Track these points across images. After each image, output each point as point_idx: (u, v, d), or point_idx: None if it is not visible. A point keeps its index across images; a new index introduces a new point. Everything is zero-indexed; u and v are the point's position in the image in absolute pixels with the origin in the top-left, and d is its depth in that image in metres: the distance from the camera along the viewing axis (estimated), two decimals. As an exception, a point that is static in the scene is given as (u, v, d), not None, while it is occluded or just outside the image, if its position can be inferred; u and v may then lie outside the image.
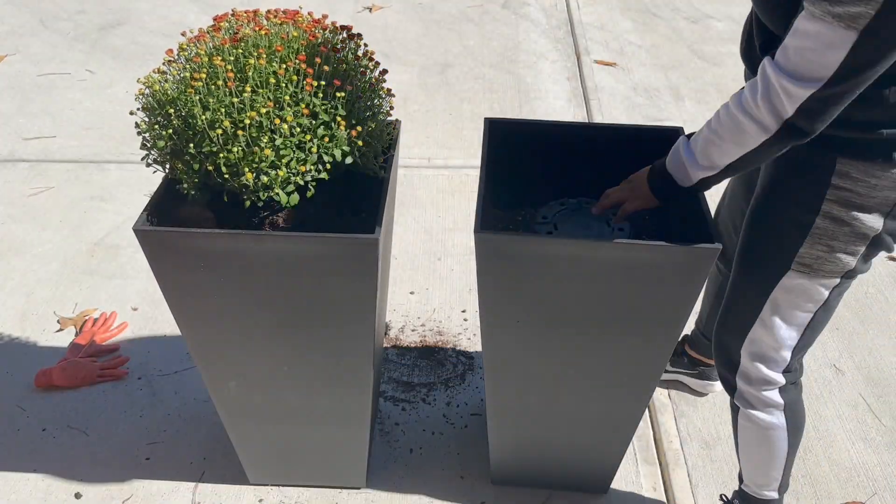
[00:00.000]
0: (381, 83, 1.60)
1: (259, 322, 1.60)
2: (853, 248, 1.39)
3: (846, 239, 1.38)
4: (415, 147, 3.42)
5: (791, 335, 1.51)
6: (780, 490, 1.76)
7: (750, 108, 1.24)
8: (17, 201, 3.05)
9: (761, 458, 1.69)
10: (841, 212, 1.36)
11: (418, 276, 2.72)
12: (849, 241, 1.38)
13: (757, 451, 1.69)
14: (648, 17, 4.60)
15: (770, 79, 1.20)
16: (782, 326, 1.49)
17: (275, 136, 1.41)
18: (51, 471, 2.06)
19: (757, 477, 1.75)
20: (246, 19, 1.58)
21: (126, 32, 4.35)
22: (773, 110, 1.21)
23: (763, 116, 1.22)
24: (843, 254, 1.39)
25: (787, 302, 1.47)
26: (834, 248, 1.39)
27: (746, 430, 1.66)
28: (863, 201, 1.34)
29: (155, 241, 1.47)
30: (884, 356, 2.43)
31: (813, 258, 1.41)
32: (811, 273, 1.42)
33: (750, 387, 1.59)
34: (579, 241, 1.44)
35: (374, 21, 4.54)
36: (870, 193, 1.33)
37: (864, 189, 1.33)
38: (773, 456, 1.67)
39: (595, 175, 1.76)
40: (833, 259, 1.40)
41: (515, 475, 1.99)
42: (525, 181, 1.79)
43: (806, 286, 1.44)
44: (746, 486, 1.79)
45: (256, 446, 1.91)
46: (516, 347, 1.63)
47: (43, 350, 2.40)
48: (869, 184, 1.32)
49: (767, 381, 1.57)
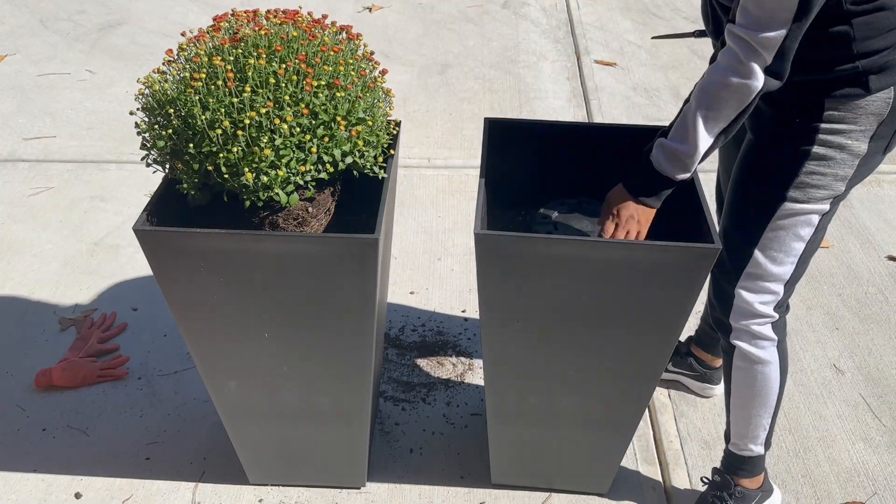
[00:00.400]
0: (381, 83, 1.60)
1: (259, 322, 1.60)
2: (843, 173, 1.52)
3: (836, 165, 1.51)
4: (415, 147, 3.42)
5: (785, 267, 1.60)
6: (765, 444, 1.82)
7: (734, 67, 1.35)
8: (17, 201, 3.06)
9: (753, 400, 1.75)
10: (832, 142, 1.49)
11: (418, 276, 2.72)
12: (838, 166, 1.51)
13: (749, 393, 1.75)
14: (648, 17, 4.60)
15: (743, 38, 1.32)
16: (777, 258, 1.59)
17: (275, 136, 1.41)
18: (51, 471, 2.06)
19: (746, 427, 1.79)
20: (246, 19, 1.58)
21: (126, 32, 4.36)
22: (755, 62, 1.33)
23: (748, 70, 1.33)
24: (833, 179, 1.52)
25: (782, 232, 1.57)
26: (826, 175, 1.51)
27: (740, 372, 1.73)
28: (850, 128, 1.48)
29: (155, 241, 1.47)
30: (884, 356, 2.43)
31: (807, 186, 1.52)
32: (805, 201, 1.54)
33: (745, 322, 1.67)
34: (579, 241, 1.44)
35: (374, 21, 4.54)
36: (856, 121, 1.47)
37: (851, 118, 1.47)
38: (765, 396, 1.74)
39: (595, 175, 1.76)
40: (825, 184, 1.52)
41: (515, 475, 1.99)
42: (525, 181, 1.79)
43: (800, 214, 1.55)
44: (733, 444, 1.83)
45: (256, 446, 1.91)
46: (516, 347, 1.63)
47: (43, 350, 2.41)
48: (855, 113, 1.47)
49: (761, 314, 1.65)
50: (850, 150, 1.50)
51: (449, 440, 2.15)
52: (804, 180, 1.52)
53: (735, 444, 1.83)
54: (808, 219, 1.56)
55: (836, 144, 1.49)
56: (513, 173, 1.78)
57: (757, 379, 1.72)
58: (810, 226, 1.56)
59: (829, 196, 1.54)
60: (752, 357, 1.69)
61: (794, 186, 1.53)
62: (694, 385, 2.27)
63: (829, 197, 1.54)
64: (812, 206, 1.54)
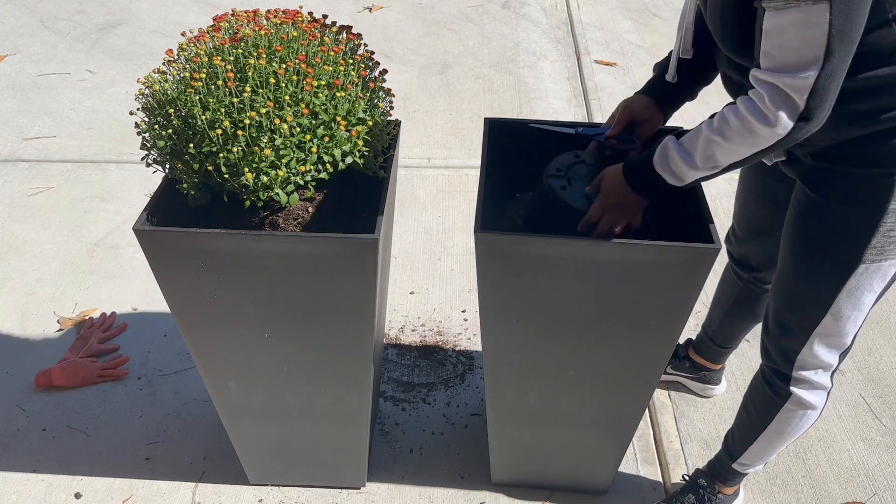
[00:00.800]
0: (381, 83, 1.60)
1: (259, 322, 1.60)
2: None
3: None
4: (415, 147, 3.42)
5: (857, 322, 1.53)
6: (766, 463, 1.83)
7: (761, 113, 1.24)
8: (17, 201, 3.06)
9: (785, 436, 1.71)
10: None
11: (418, 276, 2.72)
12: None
13: (784, 430, 1.70)
14: (648, 17, 4.60)
15: (771, 83, 1.22)
16: (853, 314, 1.51)
17: (275, 136, 1.41)
18: (51, 471, 2.06)
19: (763, 455, 1.78)
20: (246, 19, 1.58)
21: (126, 32, 4.36)
22: (786, 110, 1.22)
23: (779, 119, 1.23)
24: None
25: (858, 291, 1.48)
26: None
27: (788, 413, 1.66)
28: None
29: (155, 241, 1.47)
30: (884, 356, 2.43)
31: (884, 245, 1.42)
32: (883, 259, 1.44)
33: (809, 373, 1.60)
34: (579, 241, 1.44)
35: (374, 21, 4.54)
36: None
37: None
38: (794, 435, 1.71)
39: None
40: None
41: (515, 475, 1.99)
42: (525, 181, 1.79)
43: (877, 272, 1.46)
44: (740, 464, 1.82)
45: (256, 446, 1.91)
46: (516, 347, 1.63)
47: (43, 350, 2.41)
48: None
49: (825, 365, 1.59)
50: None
51: (449, 440, 2.15)
52: (881, 241, 1.42)
53: (742, 464, 1.82)
54: (884, 273, 1.46)
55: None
56: (513, 173, 1.78)
57: (800, 421, 1.68)
58: (885, 279, 1.48)
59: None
60: (806, 403, 1.64)
61: (870, 248, 1.42)
62: (694, 386, 2.27)
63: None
64: (888, 261, 1.45)
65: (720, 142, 1.31)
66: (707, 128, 1.33)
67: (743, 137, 1.28)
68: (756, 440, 1.75)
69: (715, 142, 1.32)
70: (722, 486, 1.88)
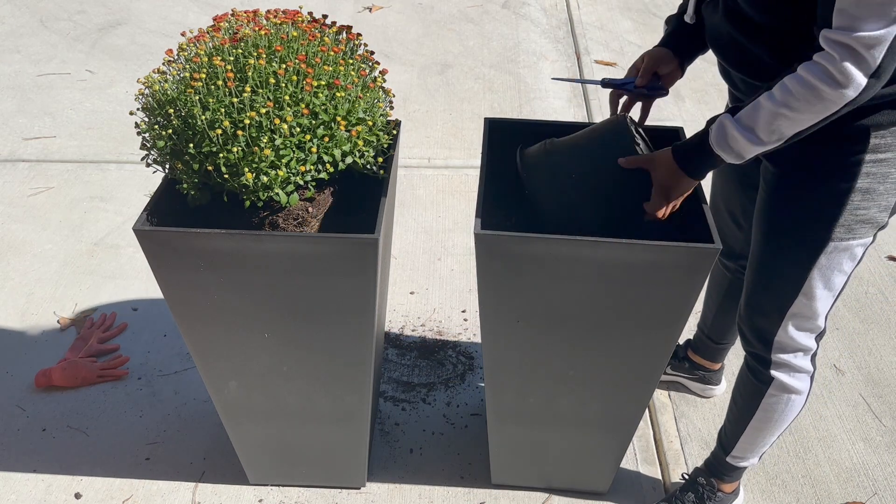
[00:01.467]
0: (381, 83, 1.60)
1: (259, 322, 1.60)
2: (885, 204, 1.43)
3: (880, 197, 1.42)
4: (415, 147, 3.42)
5: (828, 301, 1.55)
6: (760, 456, 1.83)
7: (831, 76, 1.22)
8: (17, 201, 3.05)
9: (772, 424, 1.72)
10: (876, 175, 1.39)
11: (418, 276, 2.72)
12: (881, 198, 1.42)
13: (771, 418, 1.71)
14: (648, 17, 4.60)
15: (844, 43, 1.19)
16: (824, 294, 1.53)
17: (275, 136, 1.41)
18: (51, 471, 2.06)
19: (754, 446, 1.79)
20: (246, 19, 1.58)
21: (126, 32, 4.35)
22: (859, 69, 1.20)
23: (851, 80, 1.21)
24: (878, 211, 1.44)
25: (829, 270, 1.49)
26: (870, 208, 1.43)
27: (772, 399, 1.68)
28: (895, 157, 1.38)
29: (155, 241, 1.47)
30: (884, 356, 2.43)
31: (851, 223, 1.44)
32: (851, 237, 1.46)
33: (787, 356, 1.62)
34: (579, 241, 1.44)
35: (374, 21, 4.54)
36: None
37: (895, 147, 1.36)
38: (784, 421, 1.72)
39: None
40: (869, 218, 1.44)
41: (515, 475, 1.99)
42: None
43: (845, 251, 1.47)
44: (733, 457, 1.82)
45: (256, 446, 1.91)
46: (516, 347, 1.63)
47: (43, 350, 2.40)
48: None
49: (804, 348, 1.61)
50: (893, 180, 1.41)
51: (449, 440, 2.15)
52: (848, 218, 1.44)
53: (735, 457, 1.82)
54: (853, 253, 1.48)
55: (880, 175, 1.40)
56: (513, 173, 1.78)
57: (785, 407, 1.69)
58: (854, 259, 1.50)
59: (874, 228, 1.47)
60: (789, 388, 1.65)
61: (838, 226, 1.45)
62: (694, 386, 2.27)
63: (874, 229, 1.47)
64: (857, 241, 1.47)
65: (786, 113, 1.27)
66: (768, 100, 1.29)
67: (811, 104, 1.25)
68: (745, 430, 1.77)
69: (780, 114, 1.28)
70: (720, 483, 1.88)
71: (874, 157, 1.38)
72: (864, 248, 1.49)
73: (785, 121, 1.28)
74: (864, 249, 1.50)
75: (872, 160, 1.38)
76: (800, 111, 1.26)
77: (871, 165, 1.39)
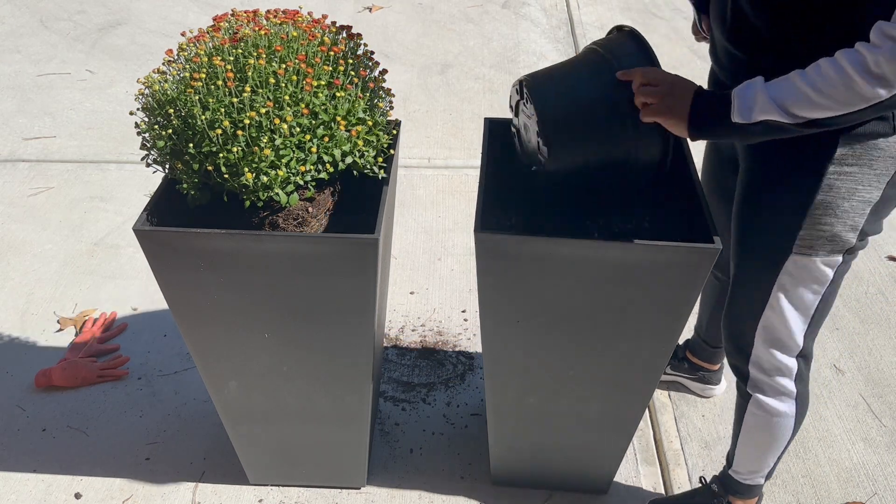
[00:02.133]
0: (381, 83, 1.60)
1: (259, 322, 1.60)
2: (852, 223, 1.37)
3: (845, 215, 1.35)
4: (415, 147, 3.42)
5: (802, 318, 1.49)
6: (767, 476, 1.78)
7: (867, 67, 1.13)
8: (17, 201, 3.05)
9: (764, 445, 1.69)
10: (840, 190, 1.33)
11: (418, 276, 2.72)
12: (847, 216, 1.35)
13: (760, 439, 1.68)
14: (648, 17, 4.60)
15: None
16: (792, 310, 1.48)
17: (275, 136, 1.41)
18: (51, 471, 2.06)
19: (751, 464, 1.75)
20: (246, 19, 1.58)
21: (126, 32, 4.35)
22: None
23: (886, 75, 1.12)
24: (843, 230, 1.37)
25: (794, 285, 1.45)
26: (834, 225, 1.37)
27: (754, 418, 1.65)
28: (863, 174, 1.31)
29: (155, 241, 1.47)
30: (884, 356, 2.43)
31: (814, 238, 1.39)
32: (813, 253, 1.40)
33: (764, 375, 1.58)
34: (579, 241, 1.44)
35: (374, 21, 4.54)
36: (871, 166, 1.30)
37: (866, 162, 1.30)
38: (775, 443, 1.68)
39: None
40: (832, 237, 1.38)
41: (515, 475, 1.99)
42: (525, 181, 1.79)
43: (810, 267, 1.42)
44: (735, 471, 1.80)
45: (256, 446, 1.91)
46: (516, 347, 1.63)
47: (43, 350, 2.41)
48: (872, 155, 1.29)
49: (781, 368, 1.56)
50: (860, 198, 1.34)
51: (449, 440, 2.15)
52: (811, 233, 1.38)
53: (737, 472, 1.79)
54: (819, 271, 1.42)
55: (844, 191, 1.33)
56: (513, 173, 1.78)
57: (769, 430, 1.65)
58: (821, 280, 1.43)
59: (841, 248, 1.39)
60: (769, 408, 1.61)
61: (799, 238, 1.39)
62: (694, 386, 2.27)
63: (840, 249, 1.39)
64: (820, 258, 1.40)
65: (810, 93, 1.19)
66: (799, 75, 1.21)
67: (838, 92, 1.16)
68: (738, 445, 1.75)
69: (804, 92, 1.19)
70: (734, 498, 1.83)
71: (839, 168, 1.32)
72: (831, 269, 1.42)
73: (805, 100, 1.20)
74: (834, 270, 1.42)
75: (836, 172, 1.32)
76: (825, 95, 1.18)
77: (835, 177, 1.33)
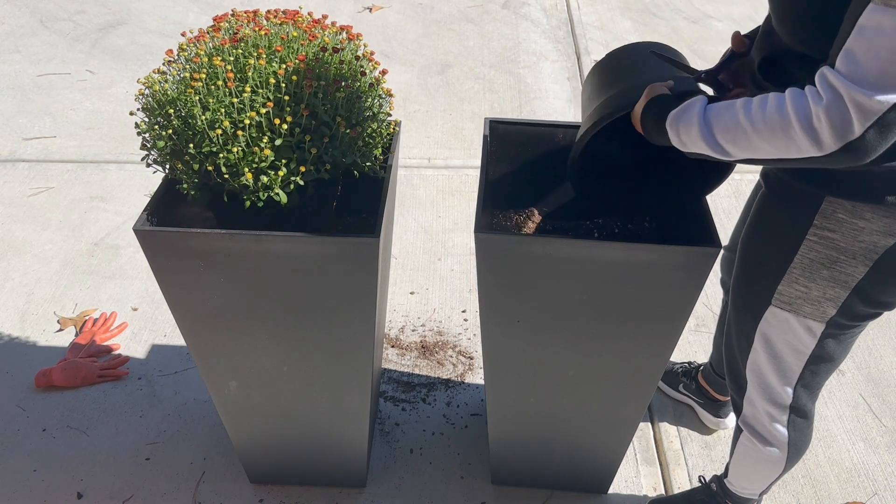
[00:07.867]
0: (381, 83, 1.60)
1: (259, 322, 1.60)
2: (832, 294, 1.29)
3: (825, 283, 1.28)
4: (415, 147, 3.42)
5: (786, 373, 1.44)
6: (761, 494, 1.77)
7: (809, 118, 1.02)
8: (17, 201, 3.05)
9: (753, 475, 1.69)
10: (821, 253, 1.26)
11: (418, 276, 2.72)
12: (827, 285, 1.28)
13: (750, 469, 1.68)
14: (648, 17, 4.60)
15: (838, 91, 0.99)
16: (775, 362, 1.44)
17: (274, 136, 1.41)
18: (51, 471, 2.06)
19: (743, 483, 1.75)
20: (246, 19, 1.58)
21: (126, 32, 4.35)
22: (837, 127, 0.99)
23: (822, 132, 1.01)
24: (822, 298, 1.30)
25: (776, 335, 1.40)
26: (812, 290, 1.30)
27: (745, 448, 1.64)
28: (846, 244, 1.23)
29: (155, 241, 1.47)
30: (884, 356, 2.43)
31: (792, 296, 1.33)
32: (793, 311, 1.34)
33: (756, 413, 1.56)
34: (579, 241, 1.44)
35: (374, 21, 4.54)
36: (856, 237, 1.22)
37: (849, 231, 1.22)
38: (764, 474, 1.67)
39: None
40: (812, 301, 1.31)
41: (515, 475, 1.99)
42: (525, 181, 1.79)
43: (791, 323, 1.36)
44: (730, 482, 1.80)
45: (256, 446, 1.91)
46: (516, 347, 1.63)
47: (43, 350, 2.41)
48: (856, 226, 1.21)
49: (773, 414, 1.53)
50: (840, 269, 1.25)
51: (449, 440, 2.15)
52: (789, 290, 1.31)
53: (731, 483, 1.79)
54: (801, 333, 1.34)
55: (826, 258, 1.25)
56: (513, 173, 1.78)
57: (759, 463, 1.63)
58: (804, 342, 1.35)
59: (820, 317, 1.31)
60: (758, 447, 1.59)
61: (778, 292, 1.32)
62: (705, 416, 2.18)
63: (820, 318, 1.31)
64: (797, 318, 1.33)
65: (747, 129, 1.08)
66: (743, 108, 1.10)
67: (773, 134, 1.05)
68: (731, 464, 1.75)
69: (741, 127, 1.09)
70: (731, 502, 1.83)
71: (820, 232, 1.24)
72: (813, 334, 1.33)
73: (742, 137, 1.10)
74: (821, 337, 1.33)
75: (817, 233, 1.24)
76: (759, 133, 1.07)
77: (816, 239, 1.25)
